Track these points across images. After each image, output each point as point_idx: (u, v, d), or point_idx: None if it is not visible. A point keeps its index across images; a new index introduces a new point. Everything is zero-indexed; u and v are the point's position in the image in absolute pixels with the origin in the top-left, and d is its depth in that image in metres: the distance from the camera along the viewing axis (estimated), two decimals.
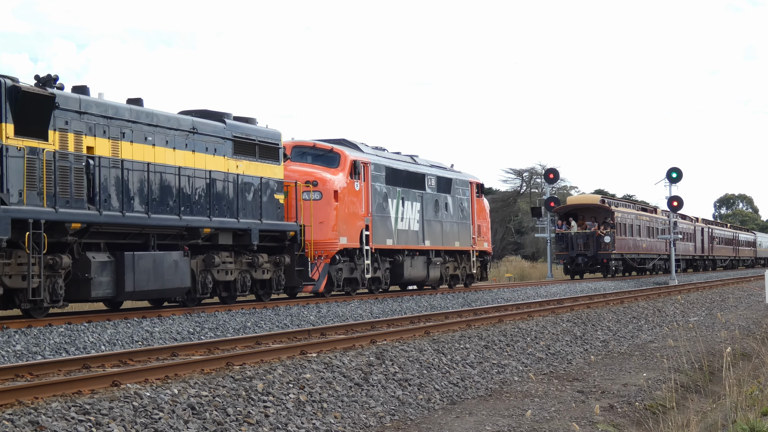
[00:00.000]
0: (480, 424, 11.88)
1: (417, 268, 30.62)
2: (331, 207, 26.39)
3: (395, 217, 29.45)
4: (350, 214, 27.06)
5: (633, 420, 13.30)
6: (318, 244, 25.68)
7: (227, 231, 22.29)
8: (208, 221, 21.46)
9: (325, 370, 12.86)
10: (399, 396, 12.81)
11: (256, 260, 23.10)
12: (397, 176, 29.93)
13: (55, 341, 14.82)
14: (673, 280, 47.68)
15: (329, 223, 26.26)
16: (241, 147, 23.00)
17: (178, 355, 13.67)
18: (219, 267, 21.90)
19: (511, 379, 15.36)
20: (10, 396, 9.44)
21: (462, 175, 35.25)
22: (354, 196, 27.37)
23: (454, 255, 33.73)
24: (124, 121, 19.56)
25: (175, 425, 9.55)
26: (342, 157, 27.38)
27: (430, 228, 31.60)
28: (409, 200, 30.42)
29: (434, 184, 32.33)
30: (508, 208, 79.63)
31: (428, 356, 15.15)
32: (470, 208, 34.97)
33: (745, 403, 12.54)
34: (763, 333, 24.11)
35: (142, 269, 19.19)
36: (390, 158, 30.48)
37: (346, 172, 27.17)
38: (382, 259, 28.92)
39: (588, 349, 19.67)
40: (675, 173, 48.58)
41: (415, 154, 33.22)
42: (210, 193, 21.71)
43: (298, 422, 10.71)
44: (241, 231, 22.67)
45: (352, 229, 27.04)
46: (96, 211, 18.49)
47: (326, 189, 26.44)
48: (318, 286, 25.73)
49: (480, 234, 35.70)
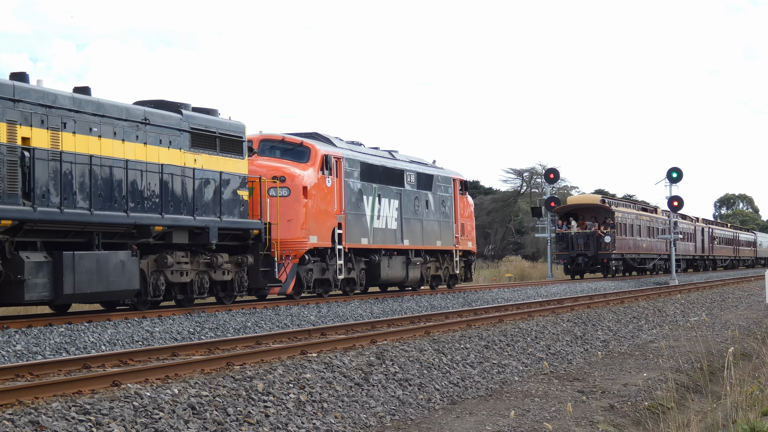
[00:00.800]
0: (480, 424, 11.88)
1: (395, 269, 29.33)
2: (300, 204, 24.94)
3: (371, 214, 28.04)
4: (321, 212, 25.64)
5: (633, 420, 13.30)
6: (286, 243, 24.41)
7: (182, 229, 20.86)
8: (160, 218, 20.00)
9: (326, 370, 12.86)
10: (399, 396, 12.81)
11: (215, 260, 21.68)
12: (373, 172, 28.48)
13: (56, 341, 14.82)
14: (673, 280, 47.68)
15: (298, 220, 24.85)
16: (199, 139, 21.54)
17: (179, 355, 13.67)
18: (173, 267, 20.52)
19: (512, 379, 15.36)
20: (11, 396, 9.44)
21: (444, 171, 33.74)
22: (325, 192, 25.91)
23: (436, 255, 32.34)
24: (66, 111, 18.07)
25: (175, 425, 9.55)
26: (312, 152, 25.90)
27: (410, 226, 30.26)
28: (387, 197, 29.01)
29: (414, 181, 30.86)
30: (509, 208, 79.62)
31: (428, 356, 15.15)
32: (453, 205, 33.46)
33: (746, 403, 12.54)
34: (764, 333, 24.10)
35: (83, 270, 17.85)
36: (365, 153, 29.00)
37: (316, 167, 25.69)
38: (357, 259, 27.54)
39: (588, 349, 19.66)
40: (675, 173, 48.60)
41: (395, 149, 31.91)
42: (163, 188, 20.23)
43: (299, 422, 10.71)
44: (198, 229, 21.22)
45: (323, 227, 25.62)
46: (30, 207, 17.05)
47: (295, 185, 24.98)
48: (285, 287, 24.36)
49: (464, 233, 34.20)
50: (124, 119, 19.46)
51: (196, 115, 21.71)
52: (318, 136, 27.34)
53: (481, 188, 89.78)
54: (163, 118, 20.62)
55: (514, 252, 78.40)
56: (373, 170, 28.52)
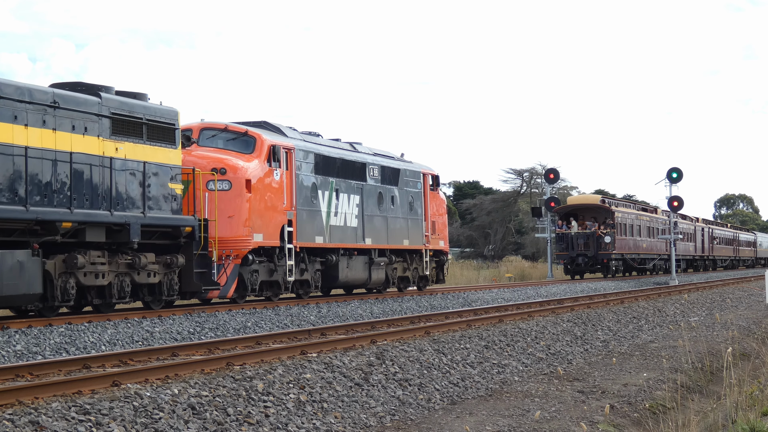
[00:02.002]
0: (480, 424, 11.88)
1: (356, 270, 27.16)
2: (243, 199, 22.62)
3: (327, 211, 25.78)
4: (268, 208, 23.32)
5: (633, 420, 13.30)
6: (226, 241, 22.17)
7: (98, 226, 18.60)
8: (69, 214, 17.67)
9: (326, 370, 12.86)
10: (399, 396, 12.81)
11: (137, 261, 19.34)
12: (330, 165, 26.18)
13: (56, 341, 14.82)
14: (673, 280, 47.67)
15: (240, 217, 22.56)
16: (122, 126, 19.24)
17: (179, 355, 13.67)
18: (86, 269, 18.20)
19: (512, 379, 15.36)
20: (11, 396, 9.44)
21: (413, 165, 31.35)
22: (273, 186, 23.61)
23: (403, 255, 30.07)
24: None
25: (175, 425, 9.55)
26: (258, 141, 23.54)
27: (372, 224, 28.01)
28: (346, 192, 26.76)
29: (378, 175, 28.56)
30: (509, 208, 79.59)
31: (428, 356, 15.15)
32: (423, 202, 31.10)
33: (746, 403, 12.55)
34: (763, 333, 24.13)
35: None
36: (322, 144, 26.64)
37: (262, 159, 23.38)
38: (312, 260, 25.26)
39: (588, 349, 19.66)
40: (675, 173, 48.58)
41: (359, 141, 29.52)
42: (74, 180, 17.96)
43: (299, 422, 10.71)
44: (117, 226, 18.96)
45: (269, 224, 23.35)
46: None
47: (237, 178, 22.64)
48: (226, 291, 22.17)
49: (435, 231, 31.81)
50: (26, 101, 17.21)
51: (119, 99, 19.44)
52: (267, 125, 25.23)
53: (481, 188, 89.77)
54: (77, 102, 18.34)
55: (514, 252, 78.40)
56: (330, 163, 26.31)
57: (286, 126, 25.85)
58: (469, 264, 62.14)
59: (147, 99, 20.39)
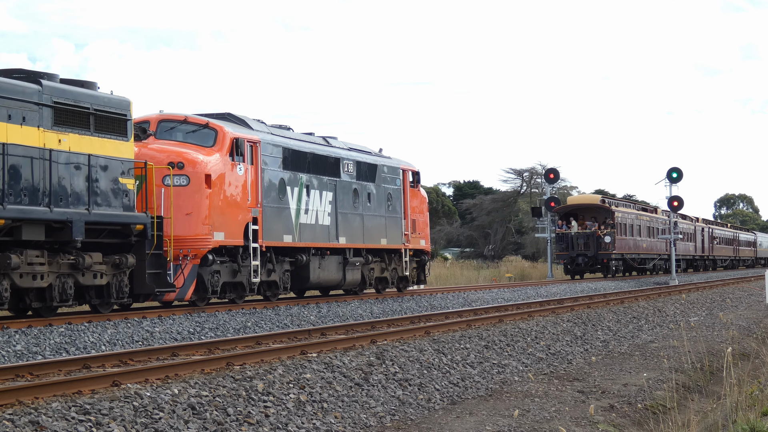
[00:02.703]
0: (480, 424, 11.88)
1: (328, 270, 25.78)
2: (202, 195, 21.27)
3: (297, 208, 24.38)
4: (230, 204, 21.98)
5: (633, 420, 13.30)
6: (184, 240, 20.80)
7: (35, 223, 17.20)
8: (1, 210, 16.37)
9: (326, 370, 12.86)
10: (399, 396, 12.81)
11: (81, 261, 17.91)
12: (300, 160, 24.75)
13: (56, 341, 14.82)
14: (673, 280, 47.68)
15: (199, 214, 21.21)
16: (66, 116, 17.81)
17: (179, 355, 13.67)
18: (21, 270, 16.80)
19: (512, 379, 15.36)
20: (11, 396, 9.43)
21: (392, 161, 29.79)
22: (236, 181, 22.24)
23: (381, 254, 28.61)
24: None
25: (175, 425, 9.55)
26: (219, 134, 22.14)
27: (347, 222, 26.60)
28: (318, 189, 25.35)
29: (353, 171, 27.03)
30: (509, 208, 79.59)
31: (428, 356, 15.15)
32: (402, 199, 29.63)
33: (746, 403, 12.55)
34: (763, 333, 24.12)
35: None
36: (291, 138, 25.17)
37: (224, 152, 22.00)
38: (280, 260, 23.87)
39: (588, 349, 19.66)
40: (675, 173, 48.59)
41: (333, 135, 28.04)
42: (7, 173, 16.54)
43: (299, 422, 10.71)
44: (57, 223, 17.52)
45: (232, 222, 22.01)
46: None
47: (195, 172, 21.28)
48: (183, 292, 20.84)
49: (415, 230, 30.31)
50: None
51: (63, 87, 18.02)
52: (231, 117, 23.71)
53: (481, 188, 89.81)
54: (15, 90, 16.94)
55: (514, 252, 78.41)
56: (301, 158, 24.84)
57: (252, 118, 24.48)
58: (469, 264, 62.15)
59: (96, 88, 19.05)
